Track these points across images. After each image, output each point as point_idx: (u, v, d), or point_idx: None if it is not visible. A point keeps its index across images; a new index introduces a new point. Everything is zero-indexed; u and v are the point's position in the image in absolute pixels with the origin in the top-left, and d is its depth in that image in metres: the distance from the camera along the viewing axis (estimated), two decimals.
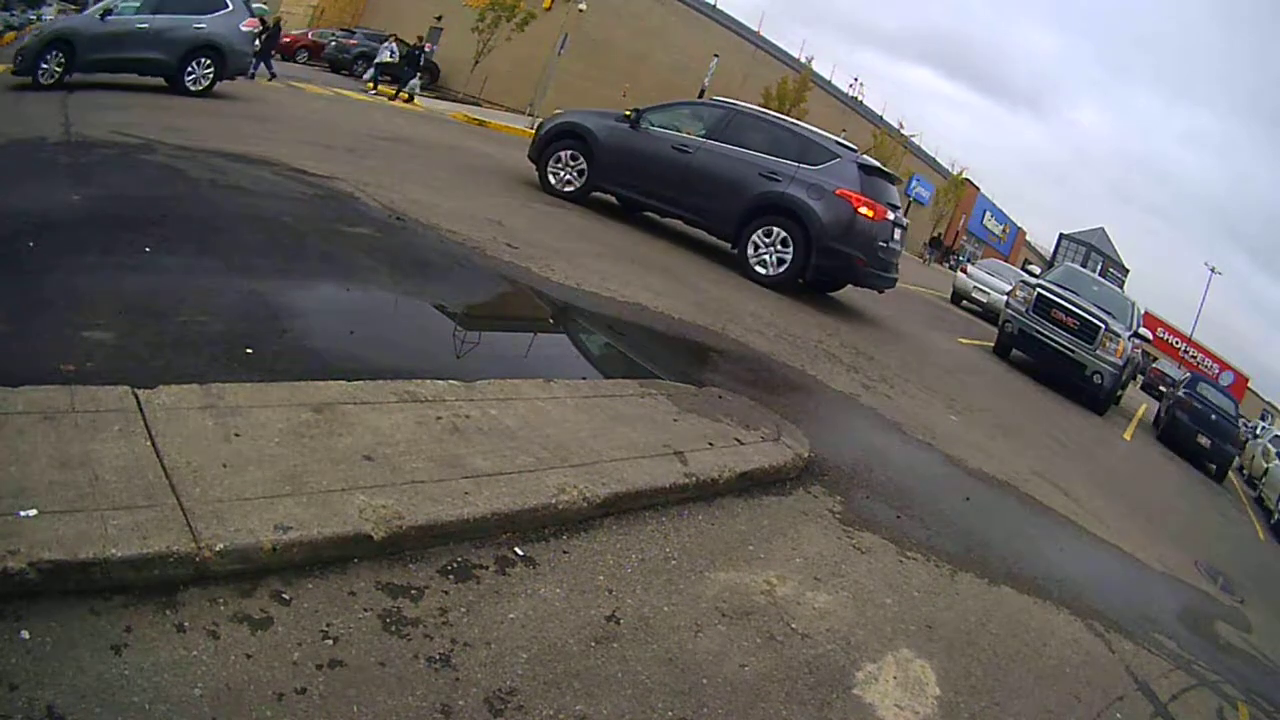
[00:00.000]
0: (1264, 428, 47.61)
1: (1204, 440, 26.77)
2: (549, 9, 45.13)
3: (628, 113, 16.70)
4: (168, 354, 5.64)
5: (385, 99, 34.31)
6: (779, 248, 15.37)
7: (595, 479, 5.28)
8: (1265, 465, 28.93)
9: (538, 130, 17.89)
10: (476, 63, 39.90)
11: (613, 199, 17.72)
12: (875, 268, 15.99)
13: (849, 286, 18.25)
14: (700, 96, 44.58)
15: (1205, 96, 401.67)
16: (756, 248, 15.54)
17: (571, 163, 16.70)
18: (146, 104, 17.37)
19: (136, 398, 4.56)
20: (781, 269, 15.39)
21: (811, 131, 16.45)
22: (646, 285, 11.77)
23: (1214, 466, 27.19)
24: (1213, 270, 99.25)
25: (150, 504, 3.78)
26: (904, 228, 17.45)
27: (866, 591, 5.73)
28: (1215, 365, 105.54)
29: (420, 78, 38.42)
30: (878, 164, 16.50)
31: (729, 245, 16.05)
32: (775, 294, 15.13)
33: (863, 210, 15.19)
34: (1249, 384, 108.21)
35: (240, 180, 11.08)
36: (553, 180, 16.79)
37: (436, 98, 37.63)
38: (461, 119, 30.25)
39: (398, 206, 11.53)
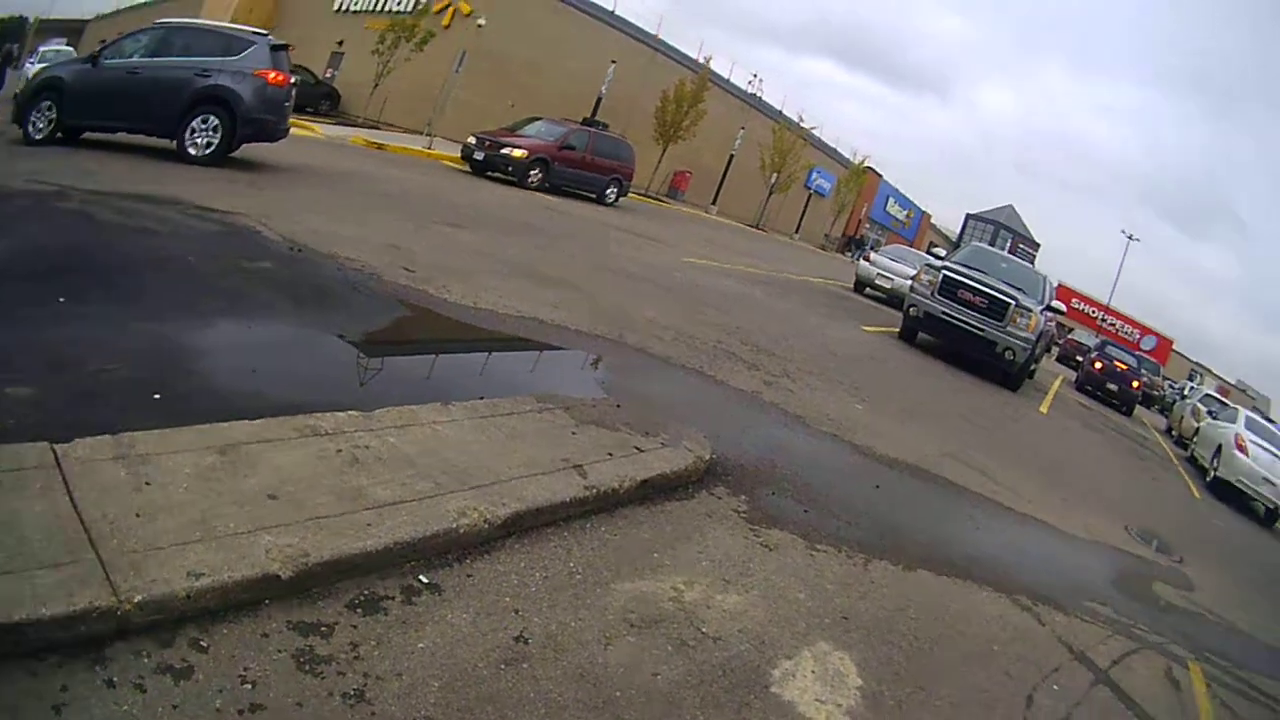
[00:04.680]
0: (1192, 388, 48.38)
1: (1112, 386, 35.58)
2: (448, 27, 45.30)
3: (93, 54, 18.22)
4: (82, 405, 5.64)
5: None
6: (210, 133, 17.49)
7: (495, 500, 5.32)
8: (1195, 424, 29.37)
9: (21, 93, 18.59)
10: (376, 85, 39.65)
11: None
12: (281, 124, 19.15)
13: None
14: (597, 105, 45.69)
15: (1115, 68, 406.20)
16: (193, 132, 17.39)
17: (47, 112, 17.26)
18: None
19: (55, 453, 4.64)
20: (210, 149, 17.49)
21: (234, 29, 19.48)
22: (544, 299, 11.81)
23: (1123, 406, 35.58)
24: (1130, 238, 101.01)
25: (73, 560, 3.87)
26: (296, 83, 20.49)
27: (777, 589, 5.80)
28: (1136, 331, 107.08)
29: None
30: (284, 43, 19.67)
31: (170, 141, 17.55)
32: (674, 297, 15.31)
33: (273, 80, 18.33)
34: (1173, 346, 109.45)
35: (147, 222, 10.93)
36: (31, 132, 17.13)
37: (337, 123, 37.25)
38: (361, 143, 30.03)
39: (298, 237, 11.47)
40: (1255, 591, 13.41)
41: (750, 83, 67.92)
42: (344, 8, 56.23)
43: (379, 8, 51.59)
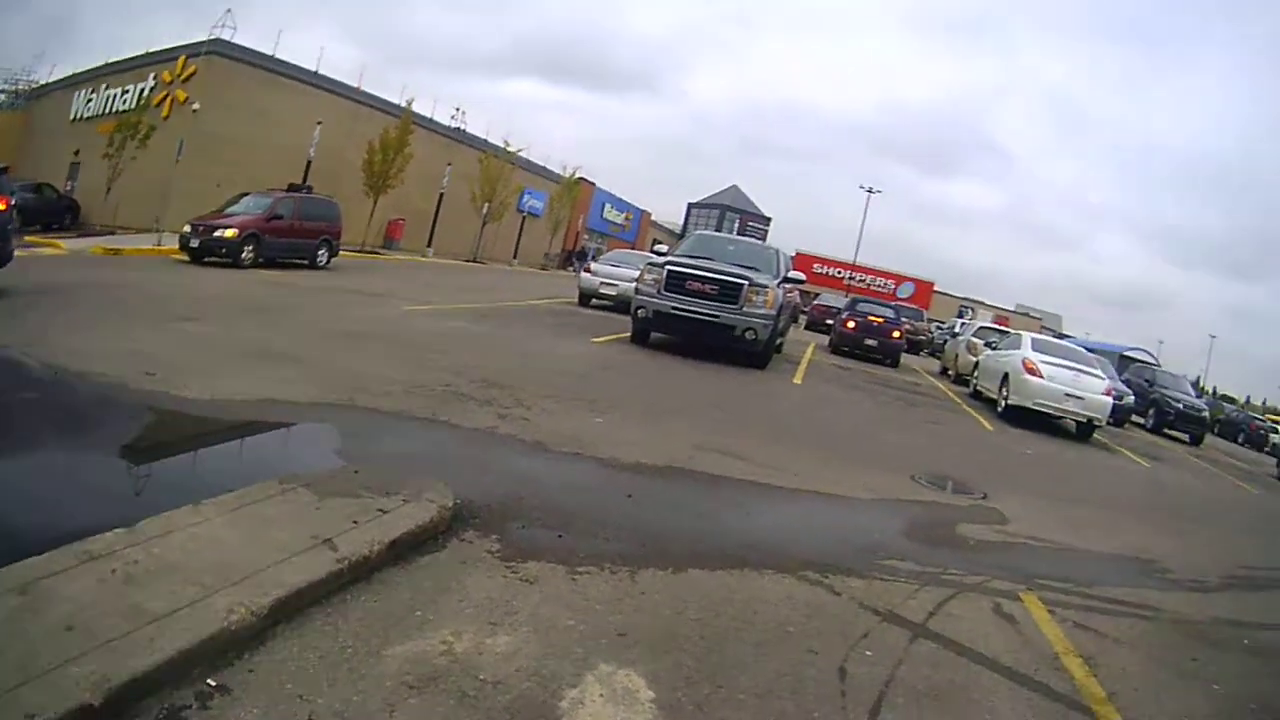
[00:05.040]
0: (963, 324, 49.51)
1: (870, 341, 34.98)
2: (168, 118, 44.52)
3: None
4: None
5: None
6: None
7: (258, 591, 5.14)
8: (973, 359, 30.07)
9: None
10: (109, 190, 38.68)
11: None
12: (5, 248, 17.00)
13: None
14: (308, 168, 46.17)
15: (834, 25, 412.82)
16: None
17: None
18: None
19: None
20: None
21: None
22: (276, 377, 11.52)
23: (887, 359, 35.13)
24: (870, 191, 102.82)
25: None
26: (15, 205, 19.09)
27: (546, 620, 5.63)
28: (890, 282, 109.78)
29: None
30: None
31: None
32: (400, 349, 15.18)
33: None
34: (934, 287, 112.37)
35: None
36: None
37: (79, 235, 36.20)
38: (100, 252, 29.13)
39: (56, 359, 11.02)
40: (1078, 506, 13.79)
41: (454, 117, 68.29)
42: (78, 116, 55.52)
43: (107, 110, 50.92)
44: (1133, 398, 34.46)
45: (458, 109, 76.53)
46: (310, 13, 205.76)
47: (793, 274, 24.42)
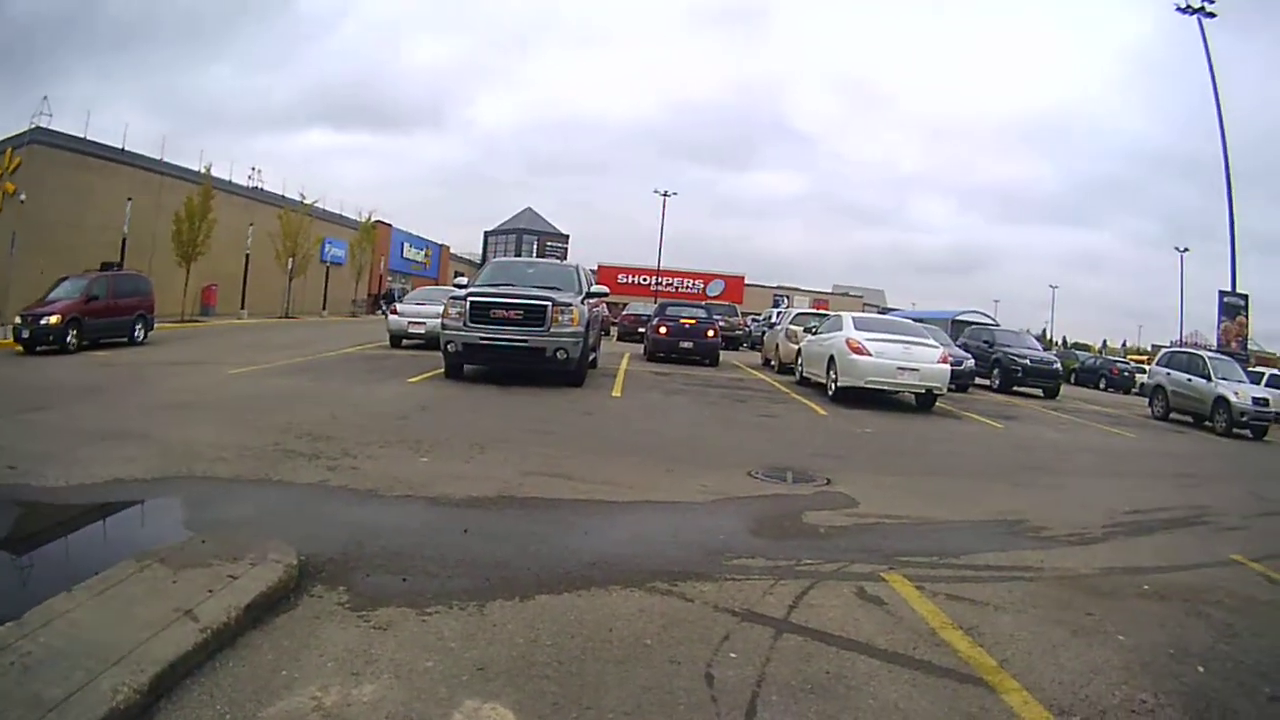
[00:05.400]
0: (779, 313, 49.18)
1: (686, 344, 34.92)
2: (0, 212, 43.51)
3: None
4: None
5: None
6: None
7: (136, 669, 5.15)
8: (795, 346, 30.43)
9: None
10: None
11: None
12: None
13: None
14: (124, 245, 46.79)
15: (614, 36, 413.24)
16: None
17: None
18: None
19: None
20: None
21: None
22: (119, 456, 11.31)
23: (705, 360, 35.21)
24: (665, 194, 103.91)
25: None
26: None
27: (406, 664, 5.60)
28: (698, 282, 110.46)
29: None
30: None
31: None
32: (228, 414, 15.00)
33: None
34: (745, 280, 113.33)
35: None
36: None
37: None
38: None
39: None
40: (931, 479, 14.02)
41: (250, 177, 68.10)
42: None
43: None
44: (972, 361, 34.86)
45: (254, 168, 76.59)
46: (113, 88, 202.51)
47: (596, 288, 24.94)
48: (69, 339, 27.72)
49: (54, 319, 27.70)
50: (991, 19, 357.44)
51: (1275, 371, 45.56)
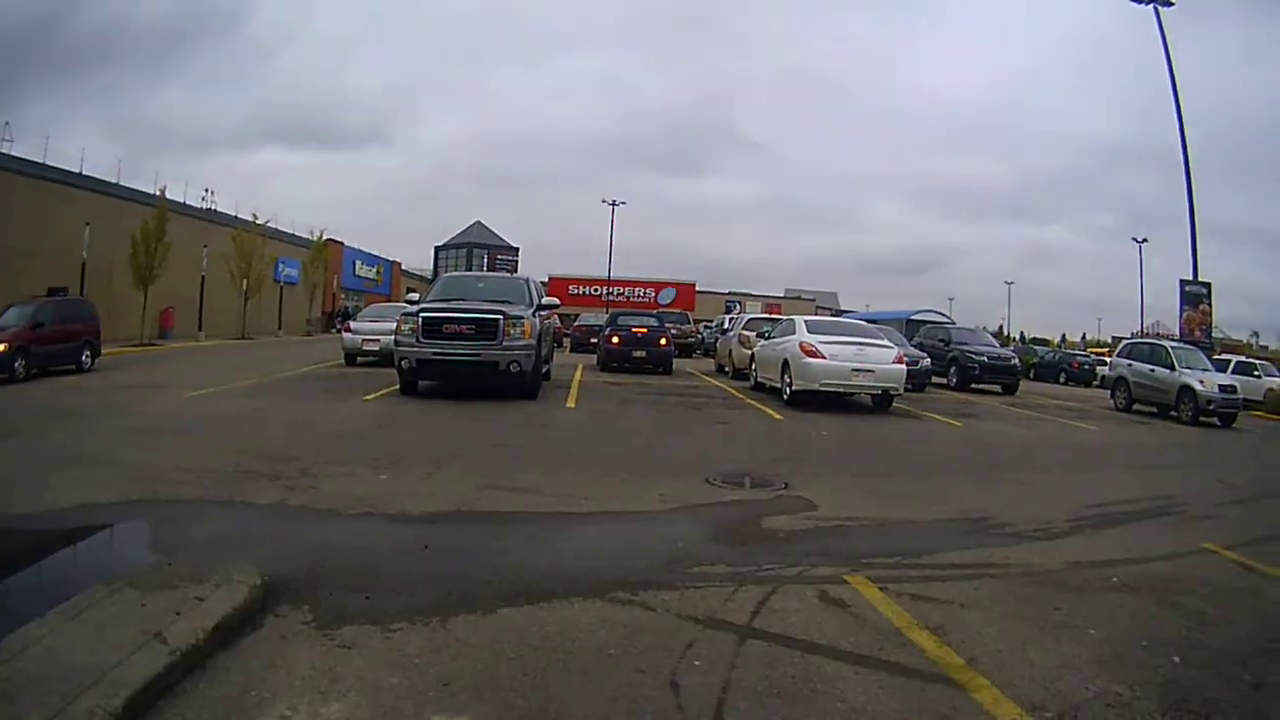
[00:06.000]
0: (731, 319, 48.58)
1: (639, 353, 35.21)
2: None
3: None
4: None
5: None
6: None
7: (110, 692, 5.14)
8: (748, 351, 30.66)
9: None
10: None
11: None
12: None
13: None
14: (84, 270, 45.89)
15: (563, 46, 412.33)
16: None
17: None
18: None
19: None
20: None
21: None
22: (84, 482, 11.10)
23: (659, 368, 35.34)
24: (613, 204, 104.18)
25: None
26: None
27: (371, 682, 5.59)
28: (649, 290, 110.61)
29: None
30: None
31: None
32: (190, 437, 14.99)
33: None
34: (696, 288, 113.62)
35: None
36: None
37: None
38: None
39: None
40: (890, 479, 14.04)
41: (204, 199, 67.78)
42: None
43: None
44: (928, 360, 34.85)
45: (207, 190, 76.04)
46: (70, 110, 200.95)
47: (547, 300, 25.25)
48: (16, 367, 26.68)
49: (1, 347, 26.53)
50: (939, 13, 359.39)
51: (1242, 359, 46.20)
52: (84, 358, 30.57)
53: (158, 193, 55.25)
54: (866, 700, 5.60)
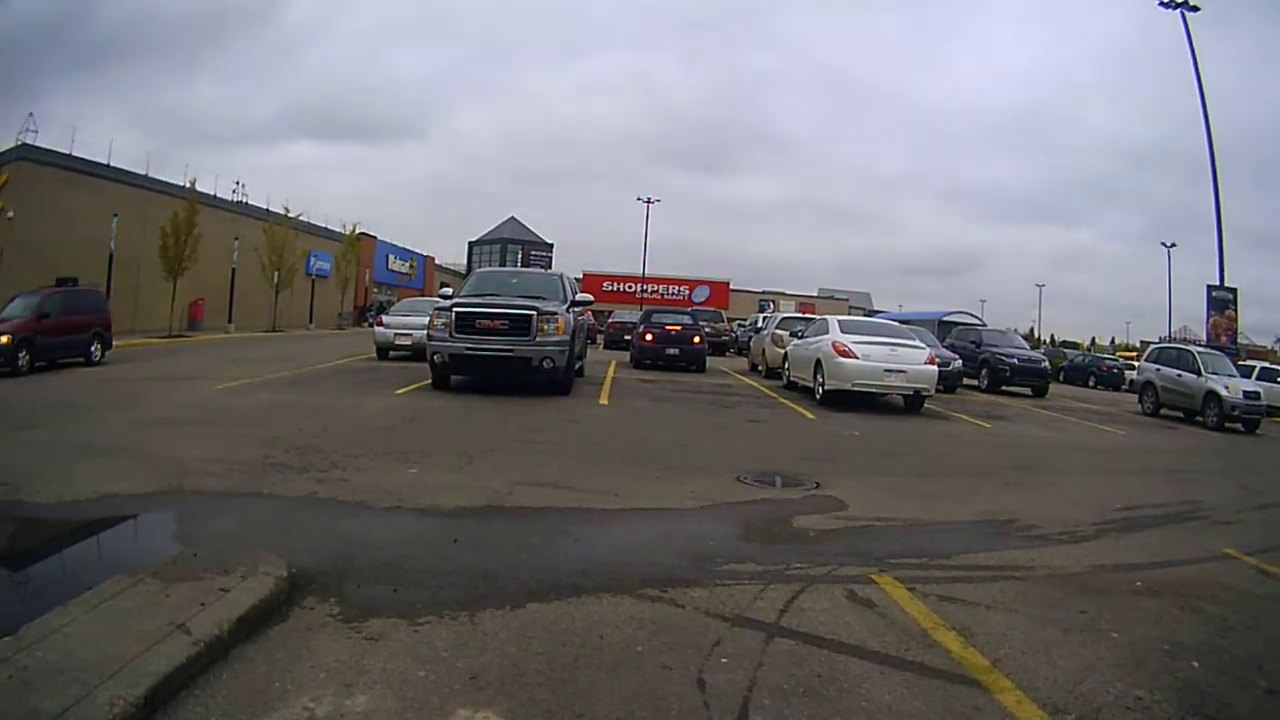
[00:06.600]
0: (765, 318, 48.54)
1: (673, 351, 35.21)
2: None
3: None
4: None
5: None
6: None
7: (131, 682, 5.11)
8: (781, 351, 30.58)
9: None
10: None
11: None
12: None
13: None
14: (110, 261, 46.54)
15: (594, 45, 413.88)
16: None
17: None
18: None
19: None
20: None
21: None
22: (110, 472, 11.20)
23: (692, 366, 35.33)
24: (648, 201, 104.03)
25: None
26: None
27: (398, 675, 5.55)
28: (684, 288, 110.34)
29: None
30: None
31: None
32: (217, 429, 14.98)
33: None
34: (730, 286, 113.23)
35: None
36: None
37: None
38: None
39: None
40: (920, 480, 13.95)
41: (235, 191, 67.82)
42: None
43: None
44: (960, 362, 34.67)
45: (238, 183, 76.16)
46: (98, 103, 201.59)
47: (581, 296, 25.00)
48: (20, 360, 26.06)
49: (4, 339, 25.92)
50: (974, 17, 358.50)
51: (1266, 365, 45.75)
52: (93, 349, 30.12)
53: (188, 185, 55.47)
54: (892, 700, 5.55)
